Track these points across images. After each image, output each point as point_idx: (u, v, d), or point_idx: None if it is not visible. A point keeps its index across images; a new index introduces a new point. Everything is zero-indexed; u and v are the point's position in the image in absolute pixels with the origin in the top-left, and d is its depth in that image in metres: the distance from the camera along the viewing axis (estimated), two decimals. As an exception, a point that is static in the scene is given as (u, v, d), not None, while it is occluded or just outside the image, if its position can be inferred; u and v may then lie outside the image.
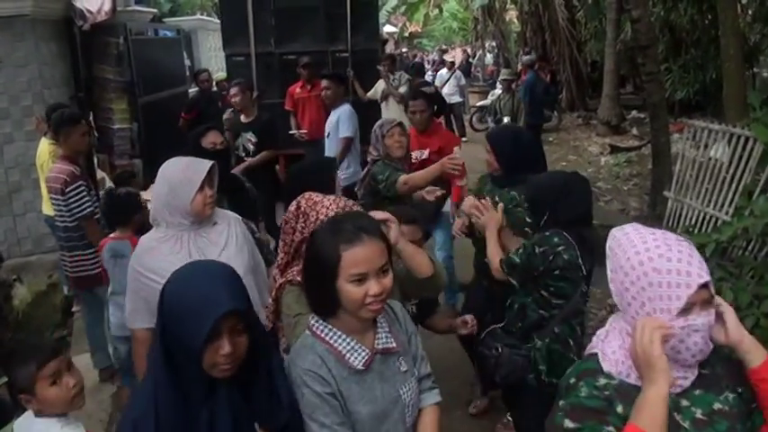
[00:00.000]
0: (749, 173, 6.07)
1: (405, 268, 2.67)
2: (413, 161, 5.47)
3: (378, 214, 2.49)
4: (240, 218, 3.35)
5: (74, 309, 6.51)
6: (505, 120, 9.83)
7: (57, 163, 4.82)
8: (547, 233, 3.24)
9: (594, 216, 9.22)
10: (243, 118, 7.08)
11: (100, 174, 8.23)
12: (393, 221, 2.54)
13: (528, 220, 3.68)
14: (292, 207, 2.49)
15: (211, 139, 4.41)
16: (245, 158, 6.85)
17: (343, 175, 6.46)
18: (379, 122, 4.92)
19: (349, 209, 2.44)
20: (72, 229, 4.77)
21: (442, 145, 5.53)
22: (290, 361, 2.11)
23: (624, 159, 12.45)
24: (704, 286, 1.68)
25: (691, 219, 6.78)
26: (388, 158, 4.69)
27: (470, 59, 23.50)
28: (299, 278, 2.42)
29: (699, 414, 1.77)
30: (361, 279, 1.96)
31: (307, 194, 2.51)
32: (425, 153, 5.59)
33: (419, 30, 41.86)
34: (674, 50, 14.17)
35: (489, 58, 24.81)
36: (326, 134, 7.19)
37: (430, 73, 19.31)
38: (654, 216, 8.11)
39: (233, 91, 7.06)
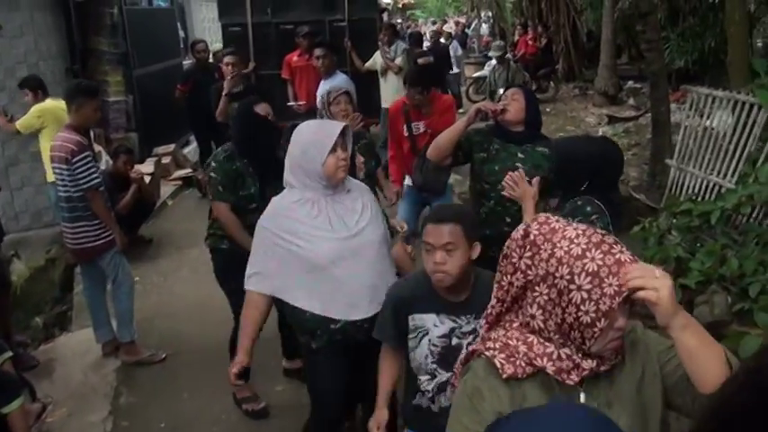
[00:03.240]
0: (753, 140, 6.04)
1: None
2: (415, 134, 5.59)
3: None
4: (368, 188, 3.34)
5: None
6: (500, 92, 9.68)
7: (62, 132, 4.73)
8: (579, 202, 3.13)
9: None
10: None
11: (96, 147, 8.15)
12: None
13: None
14: (517, 233, 1.67)
15: (265, 108, 4.29)
16: None
17: None
18: (327, 89, 4.94)
19: (606, 247, 1.53)
20: (77, 200, 4.69)
21: (444, 108, 5.61)
22: None
23: (622, 130, 12.37)
24: None
25: (694, 187, 6.75)
26: None
27: (466, 30, 23.30)
28: (496, 347, 1.67)
29: None
30: None
31: (542, 217, 1.67)
32: (421, 126, 5.59)
33: (412, 1, 41.50)
34: (671, 19, 14.05)
35: (485, 28, 24.60)
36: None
37: (427, 43, 19.13)
38: (654, 185, 8.08)
39: (231, 59, 6.87)
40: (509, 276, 1.66)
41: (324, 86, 7.07)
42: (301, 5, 9.53)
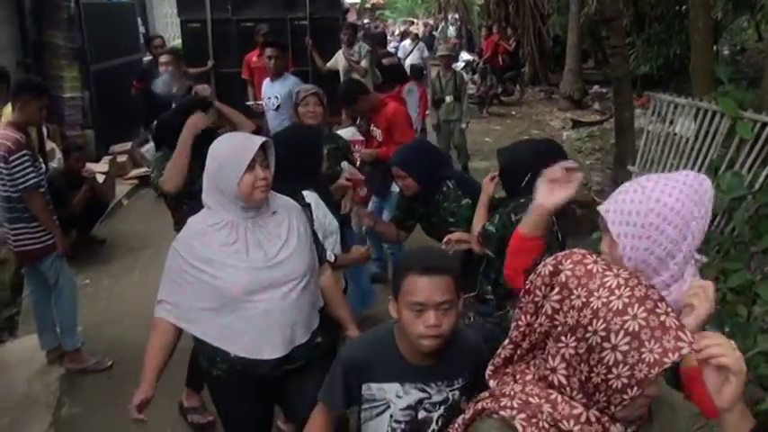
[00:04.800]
0: (715, 147, 6.02)
1: None
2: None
3: None
4: (302, 208, 2.99)
5: None
6: (447, 99, 9.44)
7: (3, 129, 4.54)
8: (522, 200, 3.08)
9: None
10: (175, 90, 6.60)
11: (50, 145, 7.93)
12: None
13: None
14: (545, 267, 1.47)
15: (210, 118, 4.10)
16: None
17: None
18: (297, 88, 4.79)
19: (651, 305, 1.33)
20: (15, 200, 4.51)
21: (388, 125, 5.63)
22: None
23: (586, 134, 12.42)
24: None
25: (655, 194, 6.73)
26: None
27: (433, 32, 23.26)
28: (515, 405, 1.43)
29: None
30: None
31: (578, 254, 1.46)
32: (378, 132, 5.69)
33: (381, 1, 41.46)
34: (637, 25, 14.19)
35: (452, 30, 24.60)
36: (275, 106, 6.82)
37: (393, 44, 19.05)
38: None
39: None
40: (529, 317, 1.47)
41: (271, 89, 6.91)
42: (262, 3, 9.36)
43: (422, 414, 2.17)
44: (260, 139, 2.64)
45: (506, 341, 1.53)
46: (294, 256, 2.69)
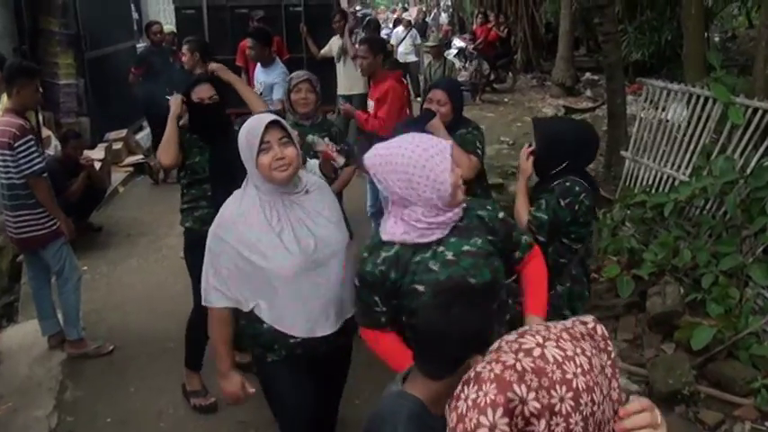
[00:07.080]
0: (707, 133, 6.08)
1: None
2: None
3: None
4: (328, 187, 3.00)
5: None
6: None
7: (4, 116, 4.55)
8: (567, 183, 3.21)
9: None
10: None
11: (46, 132, 7.93)
12: None
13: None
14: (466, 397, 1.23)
15: (200, 93, 3.96)
16: None
17: None
18: (290, 75, 4.77)
19: (594, 342, 1.28)
20: (19, 187, 4.50)
21: (379, 96, 5.60)
22: None
23: (579, 121, 12.47)
24: None
25: (648, 179, 6.79)
26: (292, 112, 4.61)
27: (426, 18, 23.26)
28: None
29: (450, 256, 2.32)
30: None
31: (507, 363, 1.22)
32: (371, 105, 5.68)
33: (373, -12, 41.40)
34: (629, 12, 14.23)
35: (444, 17, 24.61)
36: (258, 93, 6.82)
37: (386, 31, 19.04)
38: (609, 176, 8.14)
39: (183, 49, 6.76)
40: None
41: (259, 76, 6.92)
42: (257, -11, 9.40)
43: None
44: (266, 119, 2.64)
45: None
46: (335, 232, 2.76)
